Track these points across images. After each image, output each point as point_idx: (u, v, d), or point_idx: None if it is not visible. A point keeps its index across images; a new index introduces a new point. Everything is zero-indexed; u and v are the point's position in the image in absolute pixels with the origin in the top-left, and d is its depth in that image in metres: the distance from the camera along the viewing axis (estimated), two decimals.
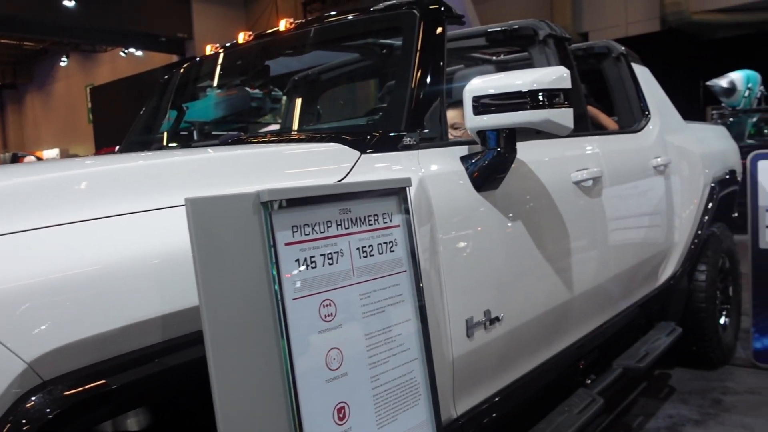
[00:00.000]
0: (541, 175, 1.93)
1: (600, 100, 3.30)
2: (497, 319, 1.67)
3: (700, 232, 3.09)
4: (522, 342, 1.85)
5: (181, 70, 2.48)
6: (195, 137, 2.25)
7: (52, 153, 19.49)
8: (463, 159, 1.66)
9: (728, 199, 3.53)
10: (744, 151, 3.80)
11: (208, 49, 2.33)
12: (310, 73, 2.64)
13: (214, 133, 2.24)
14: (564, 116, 1.57)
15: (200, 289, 0.80)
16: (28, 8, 13.13)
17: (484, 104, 1.56)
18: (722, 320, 3.39)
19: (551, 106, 1.55)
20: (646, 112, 3.03)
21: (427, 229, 1.44)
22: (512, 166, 1.83)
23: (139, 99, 2.51)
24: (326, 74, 2.65)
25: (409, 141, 1.56)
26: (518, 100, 1.54)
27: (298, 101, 2.70)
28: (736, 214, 3.83)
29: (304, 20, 2.09)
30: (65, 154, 20.10)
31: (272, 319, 0.87)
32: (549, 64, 2.33)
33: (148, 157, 1.35)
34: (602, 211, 2.26)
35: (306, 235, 0.92)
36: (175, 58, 16.47)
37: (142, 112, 2.49)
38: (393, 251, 1.02)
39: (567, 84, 1.58)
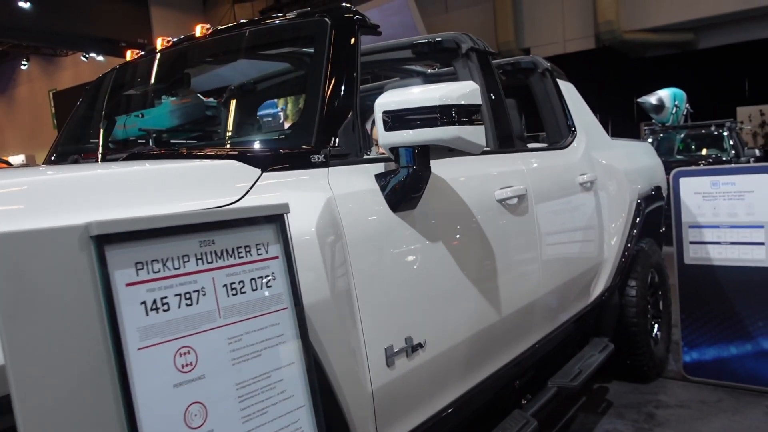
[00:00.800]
0: (463, 193, 1.85)
1: (531, 116, 3.30)
2: (420, 345, 1.57)
3: (628, 246, 3.11)
4: (451, 366, 1.76)
5: (114, 76, 2.30)
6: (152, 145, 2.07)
7: (18, 159, 18.38)
8: (379, 177, 1.57)
9: (655, 214, 3.58)
10: (673, 167, 3.90)
11: (129, 55, 2.16)
12: (246, 83, 2.50)
13: (173, 141, 2.08)
14: (475, 133, 1.50)
15: (5, 347, 0.65)
16: None
17: (395, 119, 1.47)
18: (654, 334, 3.42)
19: (463, 122, 1.47)
20: (573, 129, 3.04)
21: (338, 253, 1.33)
22: (434, 184, 1.75)
23: None
24: (261, 84, 2.52)
25: (318, 158, 1.45)
26: (429, 116, 1.46)
27: (231, 112, 2.56)
28: (663, 229, 3.91)
29: (219, 27, 1.95)
30: (32, 161, 19.04)
31: (109, 374, 0.73)
32: (472, 78, 2.29)
33: None
34: (529, 229, 2.21)
35: (155, 272, 0.78)
36: None
37: (69, 120, 2.29)
38: (270, 286, 0.90)
39: (476, 99, 1.51)
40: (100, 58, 17.44)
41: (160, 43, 2.01)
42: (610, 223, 3.03)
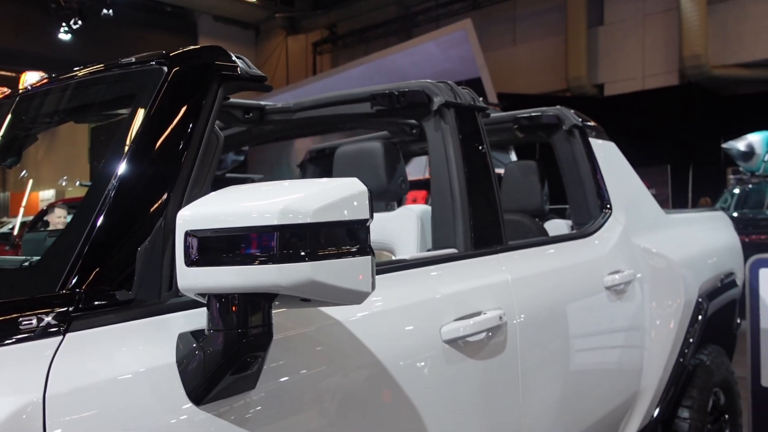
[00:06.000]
0: (376, 338, 1.21)
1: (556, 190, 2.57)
2: None
3: (680, 365, 2.31)
4: None
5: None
6: None
7: (49, 194, 18.73)
8: (187, 339, 0.95)
9: (724, 312, 2.73)
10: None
11: None
12: None
13: None
14: (348, 274, 0.87)
15: None
16: (23, 41, 13.02)
17: (205, 248, 0.86)
18: None
19: (324, 255, 0.85)
20: (607, 206, 2.30)
21: None
22: (311, 335, 1.14)
23: None
24: None
25: (42, 322, 0.84)
26: (260, 245, 0.85)
27: None
28: (739, 322, 3.04)
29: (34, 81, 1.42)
30: (61, 196, 19.44)
31: None
32: (444, 144, 1.65)
33: None
34: (504, 374, 1.52)
35: None
36: None
37: None
38: None
39: (359, 212, 0.89)
40: None
41: None
42: (654, 337, 2.24)
